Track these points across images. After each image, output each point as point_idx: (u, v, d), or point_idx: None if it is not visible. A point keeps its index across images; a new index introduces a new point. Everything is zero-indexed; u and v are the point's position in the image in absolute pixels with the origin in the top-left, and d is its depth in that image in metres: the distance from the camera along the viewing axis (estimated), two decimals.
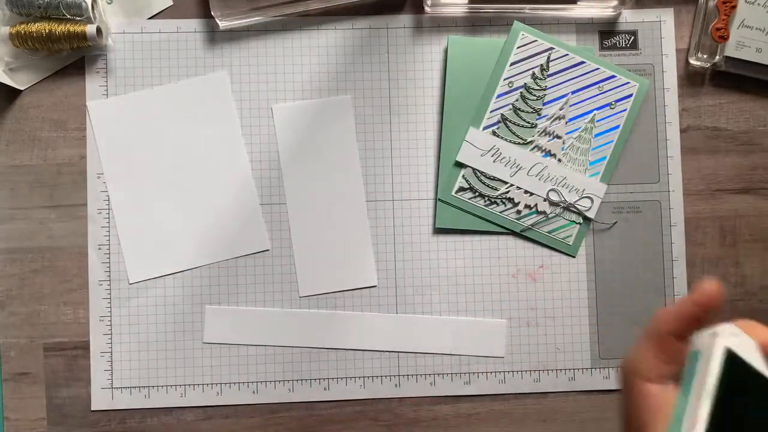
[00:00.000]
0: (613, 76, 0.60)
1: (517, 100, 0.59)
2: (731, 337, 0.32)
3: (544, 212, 0.60)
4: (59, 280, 0.58)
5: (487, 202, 0.60)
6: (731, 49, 0.59)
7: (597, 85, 0.60)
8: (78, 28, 0.56)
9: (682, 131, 0.61)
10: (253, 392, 0.58)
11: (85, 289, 0.58)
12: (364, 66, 0.60)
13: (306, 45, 0.60)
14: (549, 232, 0.60)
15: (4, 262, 0.58)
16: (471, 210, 0.60)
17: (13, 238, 0.58)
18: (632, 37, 0.61)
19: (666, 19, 0.61)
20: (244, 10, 0.58)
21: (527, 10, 0.60)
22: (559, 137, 0.59)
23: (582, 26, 0.61)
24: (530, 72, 0.59)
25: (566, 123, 0.60)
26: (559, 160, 0.60)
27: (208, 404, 0.59)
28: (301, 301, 0.59)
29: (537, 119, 0.59)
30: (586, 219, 0.60)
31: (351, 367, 0.59)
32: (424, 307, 0.60)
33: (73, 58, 0.59)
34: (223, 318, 0.59)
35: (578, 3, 0.59)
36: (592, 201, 0.60)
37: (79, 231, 0.59)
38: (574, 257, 0.60)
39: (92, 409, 0.58)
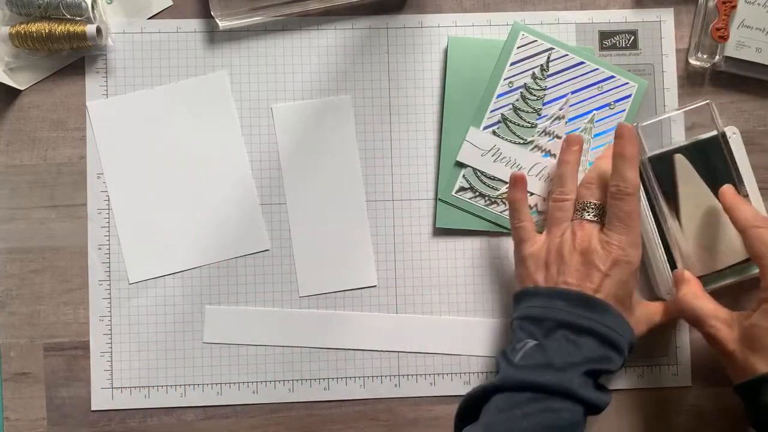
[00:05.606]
0: (613, 77, 0.60)
1: (517, 100, 0.59)
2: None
3: (544, 212, 0.60)
4: (59, 280, 0.58)
5: (488, 202, 0.60)
6: (731, 49, 0.59)
7: (597, 86, 0.60)
8: (78, 28, 0.56)
9: None
10: (253, 392, 0.58)
11: (85, 289, 0.58)
12: (364, 66, 0.60)
13: (306, 45, 0.60)
14: None
15: (4, 262, 0.58)
16: (471, 210, 0.60)
17: (13, 238, 0.58)
18: (632, 37, 0.61)
19: (666, 19, 0.61)
20: (244, 10, 0.58)
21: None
22: (559, 137, 0.59)
23: (582, 26, 0.61)
24: (530, 72, 0.59)
25: (566, 123, 0.60)
26: None
27: (208, 404, 0.59)
28: (301, 301, 0.59)
29: (537, 119, 0.59)
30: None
31: (351, 367, 0.59)
32: (424, 307, 0.60)
33: (73, 58, 0.59)
34: (223, 318, 0.59)
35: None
36: None
37: (79, 231, 0.59)
38: None
39: (92, 409, 0.58)
